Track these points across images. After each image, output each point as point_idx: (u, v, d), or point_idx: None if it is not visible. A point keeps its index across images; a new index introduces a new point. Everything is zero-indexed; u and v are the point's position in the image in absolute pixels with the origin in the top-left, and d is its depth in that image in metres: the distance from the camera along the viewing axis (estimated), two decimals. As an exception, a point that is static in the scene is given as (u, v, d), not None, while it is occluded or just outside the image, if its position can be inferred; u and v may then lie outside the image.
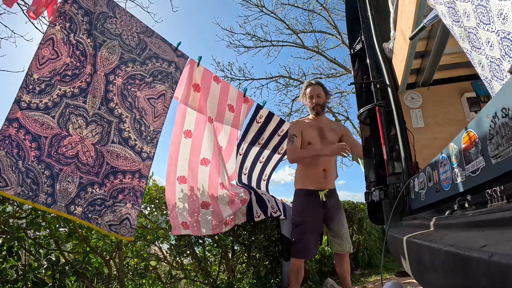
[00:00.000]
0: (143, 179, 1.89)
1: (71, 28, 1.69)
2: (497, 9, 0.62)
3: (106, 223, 1.72)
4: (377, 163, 2.02)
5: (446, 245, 0.64)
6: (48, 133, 1.60)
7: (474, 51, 0.77)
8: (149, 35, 2.03)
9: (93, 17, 1.78)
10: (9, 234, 1.75)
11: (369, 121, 2.16)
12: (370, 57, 2.15)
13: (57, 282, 1.87)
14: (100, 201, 1.72)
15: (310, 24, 10.38)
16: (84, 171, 1.70)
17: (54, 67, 1.63)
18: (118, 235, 1.75)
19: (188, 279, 2.96)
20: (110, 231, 1.72)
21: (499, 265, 0.44)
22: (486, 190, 0.73)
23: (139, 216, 2.64)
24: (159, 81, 2.01)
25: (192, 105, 2.36)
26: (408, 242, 1.01)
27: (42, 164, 1.57)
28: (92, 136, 1.73)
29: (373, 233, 5.59)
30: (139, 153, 1.88)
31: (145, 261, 2.76)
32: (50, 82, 1.62)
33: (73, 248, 2.27)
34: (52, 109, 1.62)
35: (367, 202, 2.00)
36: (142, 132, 1.91)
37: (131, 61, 1.90)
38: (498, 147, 0.64)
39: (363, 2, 2.32)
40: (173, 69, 2.10)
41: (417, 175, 1.37)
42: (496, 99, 0.65)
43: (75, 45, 1.70)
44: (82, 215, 1.65)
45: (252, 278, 3.19)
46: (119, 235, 1.75)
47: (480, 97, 2.04)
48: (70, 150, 1.66)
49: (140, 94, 1.93)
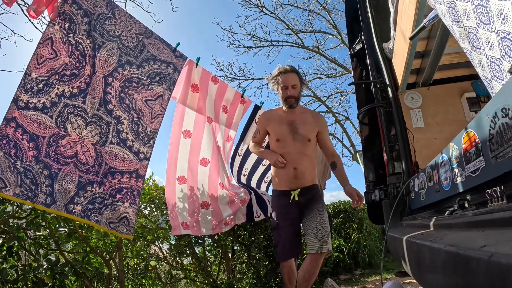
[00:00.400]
0: (140, 179, 1.90)
1: (70, 28, 1.69)
2: (497, 9, 0.62)
3: (106, 221, 1.73)
4: (377, 163, 2.02)
5: (446, 245, 0.64)
6: (46, 132, 1.60)
7: (474, 51, 0.77)
8: (148, 36, 2.03)
9: (92, 18, 1.78)
10: (9, 234, 1.75)
11: (369, 121, 2.17)
12: (370, 57, 2.15)
13: (57, 282, 1.87)
14: (100, 199, 1.73)
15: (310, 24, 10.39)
16: (84, 170, 1.70)
17: (52, 66, 1.63)
18: (117, 233, 1.76)
19: (188, 279, 2.96)
20: (109, 228, 1.73)
21: (499, 265, 0.44)
22: (486, 190, 0.73)
23: (139, 216, 2.64)
24: (156, 83, 2.01)
25: (191, 105, 2.36)
26: (408, 242, 1.01)
27: (40, 164, 1.56)
28: (92, 136, 1.74)
29: (373, 233, 5.59)
30: (136, 153, 1.89)
31: (145, 261, 2.76)
32: (48, 82, 1.61)
33: (73, 248, 2.27)
34: (50, 108, 1.61)
35: (367, 202, 2.00)
36: (139, 133, 1.91)
37: (128, 64, 1.90)
38: (498, 147, 0.64)
39: (363, 2, 2.32)
40: (171, 70, 2.11)
41: (417, 175, 1.37)
42: (496, 99, 0.65)
43: (74, 45, 1.70)
44: (82, 213, 1.66)
45: (252, 278, 3.19)
46: (118, 232, 1.76)
47: (480, 97, 2.04)
48: (68, 150, 1.66)
49: (137, 96, 1.93)
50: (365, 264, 5.02)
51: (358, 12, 2.38)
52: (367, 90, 2.22)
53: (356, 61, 2.48)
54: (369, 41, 2.19)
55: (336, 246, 4.81)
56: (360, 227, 5.30)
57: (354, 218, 5.23)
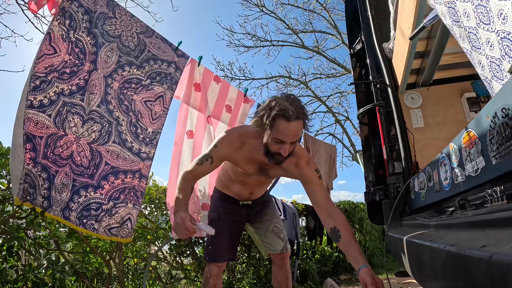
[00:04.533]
0: (143, 179, 1.88)
1: (71, 25, 1.65)
2: (497, 9, 0.62)
3: (105, 228, 1.68)
4: (377, 163, 2.02)
5: (446, 245, 0.64)
6: (44, 132, 1.52)
7: (474, 51, 0.77)
8: (149, 35, 2.02)
9: (93, 16, 1.76)
10: (9, 234, 1.75)
11: (369, 121, 2.16)
12: (370, 57, 2.15)
13: (57, 282, 1.87)
14: (95, 205, 1.66)
15: (310, 24, 10.41)
16: (78, 173, 1.62)
17: (50, 63, 1.57)
18: (118, 238, 1.73)
19: (188, 279, 2.95)
20: (109, 235, 1.69)
21: (499, 265, 0.44)
22: (486, 190, 0.73)
23: (139, 216, 2.64)
24: (157, 83, 2.00)
25: (194, 104, 2.36)
26: (408, 242, 1.00)
27: (38, 166, 1.49)
28: (88, 134, 1.68)
29: (373, 233, 5.60)
30: (137, 153, 1.86)
31: (145, 261, 2.76)
32: (46, 79, 1.54)
33: (73, 248, 2.27)
34: (48, 107, 1.54)
35: (367, 202, 2.00)
36: (139, 135, 1.89)
37: (128, 65, 1.88)
38: (498, 147, 0.64)
39: (363, 2, 2.32)
40: (172, 69, 2.10)
41: (417, 175, 1.37)
42: (496, 99, 0.65)
43: (74, 42, 1.66)
44: (77, 220, 1.59)
45: (252, 278, 3.19)
46: (118, 237, 1.72)
47: (480, 97, 2.03)
48: (65, 151, 1.59)
49: (136, 97, 1.91)
50: (365, 264, 5.02)
51: (358, 12, 2.38)
52: (367, 90, 2.22)
53: (356, 61, 2.48)
54: (369, 41, 2.19)
55: (336, 246, 4.81)
56: (360, 227, 5.30)
57: (354, 218, 5.22)
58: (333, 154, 4.15)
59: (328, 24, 10.27)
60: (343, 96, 10.94)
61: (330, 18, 10.09)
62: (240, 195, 1.72)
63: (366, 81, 2.26)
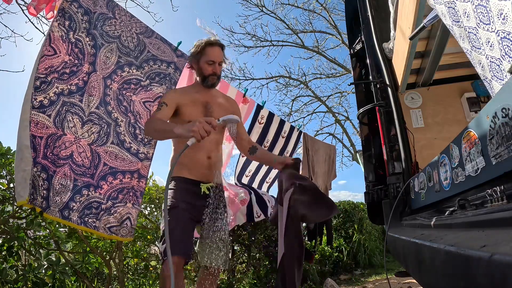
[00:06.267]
0: (142, 179, 1.88)
1: (70, 26, 1.66)
2: (497, 9, 0.62)
3: (105, 226, 1.68)
4: (377, 163, 2.02)
5: (446, 245, 0.64)
6: (44, 132, 1.53)
7: (474, 51, 0.77)
8: (148, 36, 2.02)
9: (92, 17, 1.77)
10: (9, 234, 1.75)
11: (369, 121, 2.16)
12: (370, 57, 2.15)
13: (57, 282, 1.87)
14: (96, 204, 1.67)
15: (310, 24, 10.39)
16: (79, 172, 1.63)
17: (50, 64, 1.57)
18: (118, 237, 1.73)
19: (188, 279, 2.95)
20: (109, 233, 1.70)
21: (499, 265, 0.44)
22: (486, 190, 0.73)
23: (139, 216, 2.64)
24: (156, 84, 2.00)
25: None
26: (408, 242, 1.00)
27: (38, 166, 1.49)
28: (88, 136, 1.69)
29: (373, 233, 5.60)
30: (135, 154, 1.87)
31: (145, 261, 2.76)
32: (46, 80, 1.55)
33: (73, 248, 2.27)
34: (48, 107, 1.55)
35: (367, 202, 2.00)
36: (137, 135, 1.89)
37: (127, 65, 1.88)
38: (498, 147, 0.64)
39: (363, 2, 2.32)
40: (172, 70, 2.10)
41: (417, 175, 1.37)
42: (496, 99, 0.65)
43: (74, 43, 1.66)
44: (78, 219, 1.59)
45: (252, 278, 3.19)
46: (119, 236, 1.73)
47: (480, 97, 2.04)
48: (63, 151, 1.59)
49: (135, 98, 1.91)
50: (365, 264, 5.03)
51: (358, 12, 2.38)
52: (367, 90, 2.22)
53: (356, 61, 2.49)
54: (369, 41, 2.19)
55: (336, 246, 4.81)
56: (360, 227, 5.30)
57: (354, 218, 5.23)
58: (333, 154, 4.15)
59: (328, 24, 10.27)
60: (343, 96, 10.93)
61: (330, 18, 10.09)
62: (201, 166, 1.61)
63: (366, 81, 2.26)
